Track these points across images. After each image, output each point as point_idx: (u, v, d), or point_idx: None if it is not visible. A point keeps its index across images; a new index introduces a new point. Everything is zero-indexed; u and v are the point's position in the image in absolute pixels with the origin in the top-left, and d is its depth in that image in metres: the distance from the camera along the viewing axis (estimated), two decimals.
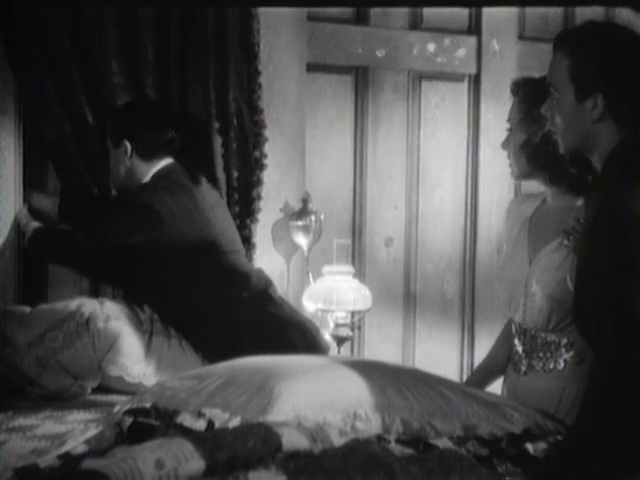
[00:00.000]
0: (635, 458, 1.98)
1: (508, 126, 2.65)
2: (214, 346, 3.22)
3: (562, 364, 2.54)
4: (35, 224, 3.43)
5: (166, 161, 3.44)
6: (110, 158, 3.46)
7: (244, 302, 3.36)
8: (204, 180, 3.53)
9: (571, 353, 2.53)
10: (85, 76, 3.49)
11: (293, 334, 3.36)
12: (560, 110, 2.24)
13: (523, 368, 2.62)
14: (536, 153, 2.56)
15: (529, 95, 2.57)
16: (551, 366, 2.55)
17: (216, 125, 3.64)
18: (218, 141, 3.65)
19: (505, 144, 2.65)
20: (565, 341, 2.53)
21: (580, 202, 2.55)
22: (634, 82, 2.16)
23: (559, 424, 2.35)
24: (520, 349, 2.62)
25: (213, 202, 3.49)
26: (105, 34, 3.49)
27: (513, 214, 2.76)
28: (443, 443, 2.19)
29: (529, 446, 2.23)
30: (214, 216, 3.43)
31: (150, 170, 3.42)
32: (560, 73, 2.21)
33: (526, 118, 2.57)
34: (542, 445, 2.23)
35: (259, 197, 3.78)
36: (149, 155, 3.42)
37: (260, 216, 3.79)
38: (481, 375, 2.83)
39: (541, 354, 2.57)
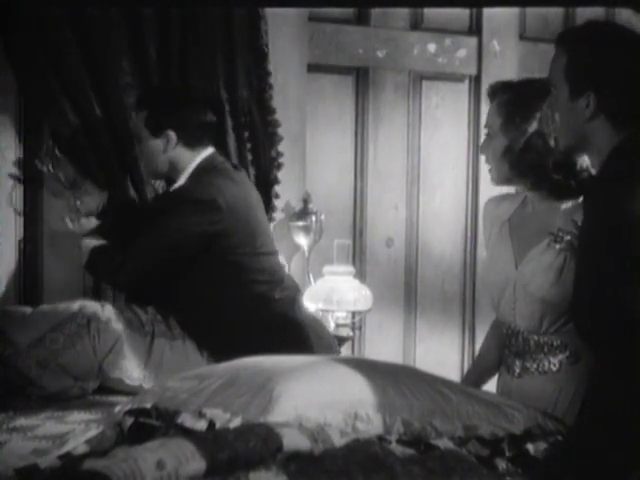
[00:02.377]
0: (635, 458, 1.98)
1: (486, 130, 2.63)
2: (236, 346, 3.17)
3: (557, 365, 2.54)
4: (92, 243, 3.35)
5: (209, 150, 3.34)
6: (146, 150, 3.35)
7: (275, 304, 3.33)
8: (245, 174, 3.49)
9: (566, 354, 2.53)
10: (95, 74, 3.47)
11: (315, 341, 3.35)
12: (557, 108, 2.25)
13: (517, 370, 2.61)
14: (519, 159, 2.55)
15: (509, 100, 2.55)
16: (545, 367, 2.55)
17: (230, 123, 3.63)
18: (232, 139, 3.65)
19: (483, 148, 2.63)
20: (559, 342, 2.53)
21: (565, 205, 2.55)
22: (626, 82, 2.17)
23: (560, 424, 2.36)
24: (513, 351, 2.62)
25: (257, 198, 3.43)
26: (114, 35, 3.47)
27: (490, 216, 2.75)
28: (444, 443, 2.19)
29: (530, 446, 2.23)
30: (258, 214, 3.39)
31: (194, 159, 3.31)
32: (557, 71, 2.22)
33: (507, 123, 2.54)
34: (543, 445, 2.23)
35: (277, 196, 3.79)
36: (194, 142, 3.30)
37: None
38: (475, 375, 2.83)
39: (534, 356, 2.56)
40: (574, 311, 2.20)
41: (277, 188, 3.81)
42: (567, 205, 2.54)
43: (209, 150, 3.35)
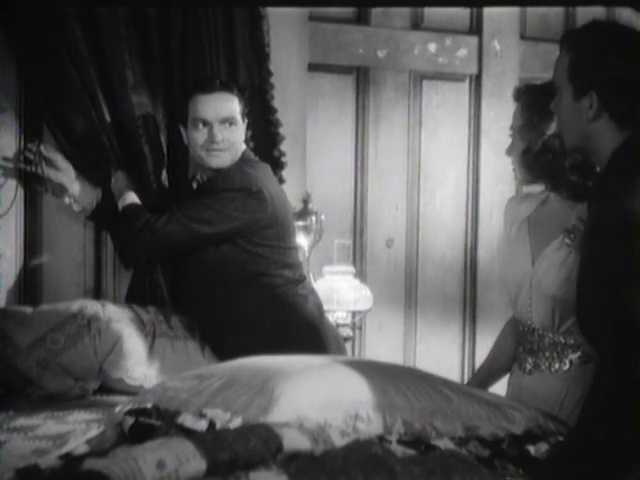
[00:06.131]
0: (635, 459, 1.98)
1: (511, 132, 2.65)
2: (256, 341, 3.19)
3: (567, 365, 2.55)
4: (128, 198, 3.38)
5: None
6: (231, 135, 3.33)
7: (298, 299, 3.35)
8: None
9: (578, 354, 2.54)
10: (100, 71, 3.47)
11: (331, 341, 3.36)
12: (561, 108, 2.25)
13: (528, 367, 2.62)
14: (536, 161, 2.56)
15: (530, 102, 2.57)
16: (556, 366, 2.56)
17: None
18: None
19: (509, 151, 2.66)
20: (572, 342, 2.54)
21: (582, 204, 2.56)
22: (629, 81, 2.17)
23: (560, 425, 2.36)
24: (527, 348, 2.63)
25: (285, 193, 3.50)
26: (118, 33, 3.47)
27: (511, 214, 2.76)
28: (444, 444, 2.19)
29: (530, 447, 2.23)
30: (288, 206, 3.44)
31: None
32: (561, 71, 2.22)
33: (526, 125, 2.57)
34: (543, 446, 2.23)
35: None
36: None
37: None
38: (482, 377, 2.83)
39: (547, 354, 2.58)
40: (577, 309, 2.21)
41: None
42: (584, 204, 2.55)
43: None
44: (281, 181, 3.70)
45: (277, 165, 3.72)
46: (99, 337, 3.17)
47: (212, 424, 2.18)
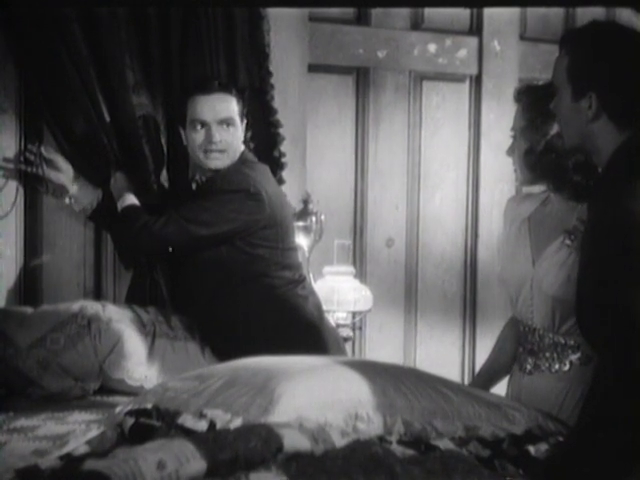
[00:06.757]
0: (635, 459, 1.98)
1: (512, 133, 2.65)
2: (256, 341, 3.19)
3: (567, 365, 2.55)
4: (127, 200, 3.37)
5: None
6: (229, 137, 3.33)
7: (298, 300, 3.35)
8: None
9: (577, 355, 2.54)
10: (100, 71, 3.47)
11: (331, 342, 3.36)
12: (560, 108, 2.25)
13: (529, 367, 2.62)
14: (538, 161, 2.57)
15: (532, 103, 2.57)
16: (557, 367, 2.56)
17: None
18: None
19: (510, 151, 2.66)
20: (572, 343, 2.54)
21: (582, 204, 2.56)
22: (628, 83, 2.17)
23: (560, 425, 2.36)
24: (527, 349, 2.63)
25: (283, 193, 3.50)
26: (118, 33, 3.47)
27: (511, 214, 2.77)
28: (444, 444, 2.19)
29: (530, 447, 2.23)
30: (287, 207, 3.44)
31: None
32: (560, 72, 2.22)
33: (529, 126, 2.57)
34: (543, 446, 2.23)
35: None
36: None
37: None
38: (483, 379, 2.83)
39: (547, 354, 2.58)
40: (577, 310, 2.21)
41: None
42: (584, 205, 2.55)
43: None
44: (281, 182, 3.70)
45: (277, 166, 3.72)
46: (99, 337, 3.17)
47: (212, 424, 2.18)
